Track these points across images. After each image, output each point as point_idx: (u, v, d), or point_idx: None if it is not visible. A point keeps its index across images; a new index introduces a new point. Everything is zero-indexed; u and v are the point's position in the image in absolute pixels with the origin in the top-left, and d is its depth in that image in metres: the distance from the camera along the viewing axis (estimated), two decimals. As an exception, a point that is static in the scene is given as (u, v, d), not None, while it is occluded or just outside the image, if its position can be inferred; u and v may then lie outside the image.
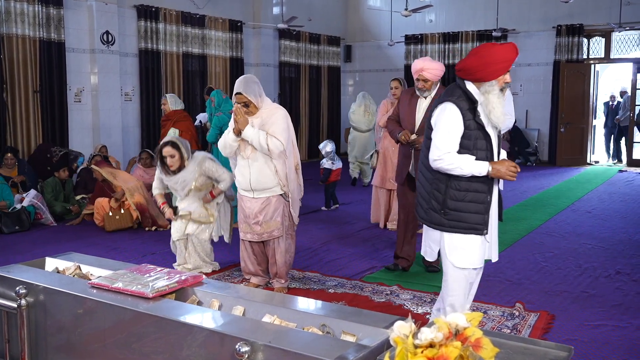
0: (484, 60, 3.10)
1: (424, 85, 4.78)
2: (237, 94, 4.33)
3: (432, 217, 3.24)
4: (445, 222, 3.19)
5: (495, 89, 3.14)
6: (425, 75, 4.73)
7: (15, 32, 8.75)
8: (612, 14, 12.46)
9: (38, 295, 2.88)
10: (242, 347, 2.13)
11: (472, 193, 3.16)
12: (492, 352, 1.63)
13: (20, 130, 8.94)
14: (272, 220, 4.44)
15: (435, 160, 3.12)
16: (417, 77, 4.78)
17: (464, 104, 3.11)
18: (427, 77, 4.73)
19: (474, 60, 3.12)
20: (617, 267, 5.29)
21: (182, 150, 4.80)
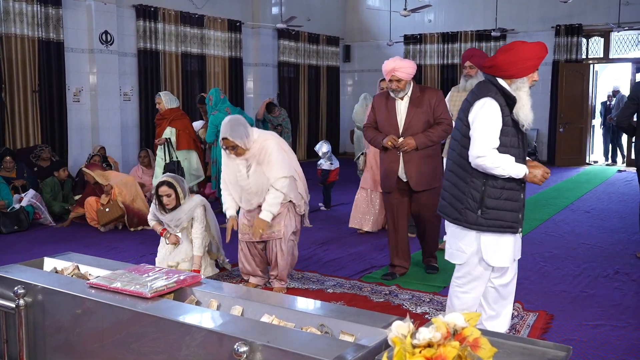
0: (517, 57, 3.13)
1: (398, 85, 4.64)
2: (224, 139, 4.27)
3: (469, 217, 3.20)
4: (482, 221, 3.17)
5: (526, 86, 3.18)
6: (398, 75, 4.59)
7: (14, 32, 8.74)
8: (611, 14, 12.47)
9: (36, 295, 2.88)
10: (241, 347, 2.13)
11: (507, 191, 3.18)
12: (491, 352, 1.63)
13: (19, 130, 8.93)
14: (274, 222, 4.45)
15: (478, 157, 3.09)
16: (390, 78, 4.64)
17: (501, 100, 3.13)
18: (400, 76, 4.59)
19: (506, 57, 3.14)
20: (616, 267, 5.29)
21: (177, 190, 4.75)
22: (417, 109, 4.66)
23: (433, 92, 4.76)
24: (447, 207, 3.33)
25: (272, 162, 4.31)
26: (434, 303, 4.35)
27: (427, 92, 4.73)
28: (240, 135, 4.24)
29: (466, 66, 5.53)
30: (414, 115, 4.66)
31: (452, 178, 3.30)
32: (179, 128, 7.19)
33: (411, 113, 4.67)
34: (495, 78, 3.18)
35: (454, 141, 3.32)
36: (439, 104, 4.70)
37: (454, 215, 3.28)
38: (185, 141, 7.20)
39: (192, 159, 7.30)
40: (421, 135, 4.62)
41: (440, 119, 4.69)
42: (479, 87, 3.24)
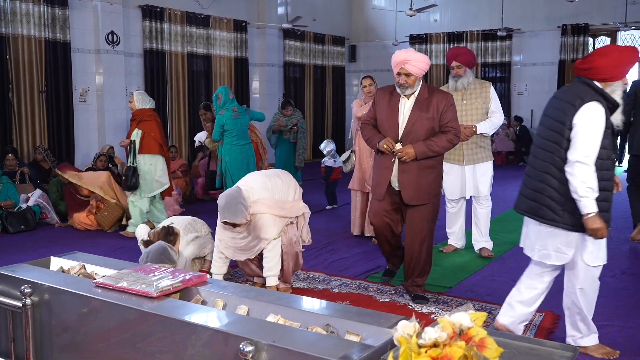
0: (618, 62, 3.20)
1: (407, 80, 4.07)
2: (224, 222, 4.20)
3: (568, 219, 3.22)
4: (582, 222, 3.17)
5: (620, 89, 3.23)
6: (408, 68, 4.03)
7: (21, 33, 8.79)
8: (618, 13, 12.42)
9: (43, 294, 2.88)
10: (246, 346, 2.13)
11: (602, 192, 3.21)
12: (497, 352, 1.62)
13: (26, 131, 8.98)
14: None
15: (578, 163, 3.09)
16: (399, 71, 4.09)
17: (604, 103, 3.17)
18: (410, 70, 4.03)
19: (606, 61, 3.19)
20: (623, 267, 5.26)
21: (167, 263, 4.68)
22: (422, 113, 4.13)
23: (443, 95, 4.20)
24: (540, 209, 3.32)
25: (264, 228, 4.32)
26: (440, 303, 4.34)
27: (435, 95, 4.17)
28: (239, 214, 4.16)
29: (453, 66, 5.27)
30: (417, 119, 4.13)
31: (547, 179, 3.28)
32: (145, 130, 6.67)
33: (415, 116, 4.14)
34: (592, 81, 3.22)
35: (545, 141, 3.29)
36: (448, 109, 4.15)
37: (549, 216, 3.28)
38: (147, 145, 6.66)
39: (157, 164, 6.74)
40: (422, 145, 4.08)
41: (447, 128, 4.15)
42: (579, 89, 3.23)
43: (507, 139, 13.54)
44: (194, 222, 4.92)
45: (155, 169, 6.69)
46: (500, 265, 5.37)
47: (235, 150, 6.94)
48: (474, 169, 5.47)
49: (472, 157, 5.44)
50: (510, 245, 6.05)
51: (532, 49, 13.61)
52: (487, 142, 5.50)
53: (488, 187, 5.57)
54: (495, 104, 5.35)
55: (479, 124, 5.26)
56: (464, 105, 5.28)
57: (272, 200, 4.37)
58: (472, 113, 5.30)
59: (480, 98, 5.30)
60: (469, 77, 5.29)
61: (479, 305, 4.27)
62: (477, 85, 5.34)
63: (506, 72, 13.79)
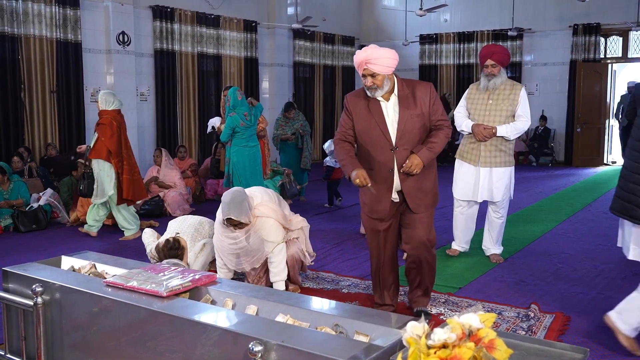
0: None
1: (373, 81, 3.59)
2: (228, 219, 4.12)
3: None
4: None
5: None
6: (372, 68, 3.56)
7: (33, 33, 8.85)
8: (630, 12, 12.33)
9: (54, 293, 2.91)
10: (256, 346, 2.13)
11: None
12: (506, 354, 1.62)
13: (37, 130, 9.05)
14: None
15: None
16: (363, 73, 3.63)
17: None
18: (375, 70, 3.56)
19: None
20: (634, 268, 5.22)
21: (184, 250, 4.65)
22: (410, 111, 3.65)
23: (424, 87, 3.74)
24: (633, 210, 3.31)
25: (269, 232, 4.28)
26: (449, 304, 4.33)
27: (417, 89, 3.71)
28: (244, 212, 4.10)
29: (487, 65, 5.06)
30: (408, 119, 3.65)
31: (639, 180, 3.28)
32: (98, 134, 6.39)
33: (405, 116, 3.65)
34: None
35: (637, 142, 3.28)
36: (435, 101, 3.73)
37: None
38: (96, 149, 6.36)
39: (103, 170, 6.38)
40: (425, 150, 3.63)
41: (439, 123, 3.73)
42: None
43: (518, 139, 13.48)
44: (201, 225, 4.83)
45: (104, 176, 6.36)
46: (510, 266, 5.34)
47: (243, 152, 6.95)
48: (490, 173, 5.17)
49: (490, 160, 5.15)
50: (520, 246, 6.03)
51: (543, 49, 13.54)
52: (509, 146, 5.17)
53: (503, 193, 5.22)
54: (523, 108, 5.07)
55: (500, 127, 5.01)
56: (489, 105, 5.08)
57: (276, 206, 4.37)
58: (495, 114, 5.06)
59: (507, 100, 5.05)
60: (502, 76, 5.10)
61: (488, 307, 4.25)
62: (507, 86, 5.10)
63: (517, 72, 13.72)
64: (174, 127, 11.05)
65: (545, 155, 13.43)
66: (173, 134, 11.02)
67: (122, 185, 6.39)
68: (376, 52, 3.63)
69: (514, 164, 5.26)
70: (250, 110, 7.04)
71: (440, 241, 6.16)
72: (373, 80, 3.62)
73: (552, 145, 13.49)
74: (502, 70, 5.11)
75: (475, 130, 5.10)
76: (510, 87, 5.11)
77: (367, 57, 3.60)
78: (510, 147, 5.19)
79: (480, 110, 5.14)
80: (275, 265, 4.34)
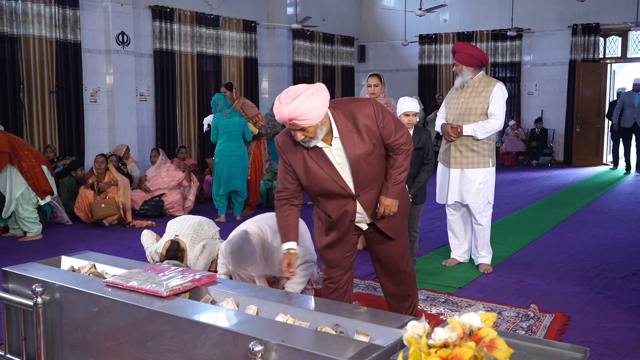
0: None
1: (305, 134, 2.89)
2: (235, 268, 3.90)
3: None
4: None
5: None
6: (299, 124, 2.83)
7: (32, 33, 8.84)
8: (629, 12, 12.34)
9: (54, 293, 2.90)
10: (256, 346, 2.13)
11: None
12: (507, 353, 1.62)
13: (37, 131, 9.03)
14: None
15: None
16: (289, 127, 2.90)
17: None
18: (303, 125, 2.83)
19: None
20: (634, 268, 5.23)
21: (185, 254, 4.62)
22: (359, 151, 3.00)
23: (366, 110, 2.99)
24: None
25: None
26: (449, 303, 4.33)
27: (359, 116, 2.98)
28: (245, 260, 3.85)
29: (453, 63, 4.93)
30: (360, 162, 3.02)
31: None
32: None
33: (355, 161, 3.01)
34: None
35: None
36: (383, 122, 3.01)
37: None
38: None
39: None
40: (391, 187, 3.11)
41: (396, 145, 3.07)
42: None
43: (516, 139, 13.49)
44: (200, 226, 4.77)
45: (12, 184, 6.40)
46: (510, 266, 5.34)
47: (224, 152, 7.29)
48: (461, 174, 4.91)
49: (460, 161, 4.89)
50: (519, 246, 6.03)
51: (542, 49, 13.54)
52: (483, 146, 4.86)
53: (475, 197, 4.91)
54: (495, 106, 4.76)
55: (466, 126, 4.77)
56: (460, 104, 4.87)
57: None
58: (466, 113, 4.82)
59: (479, 97, 4.80)
60: (467, 75, 4.86)
61: (488, 306, 4.25)
62: (482, 84, 4.84)
63: (516, 72, 13.73)
64: (174, 128, 11.04)
65: (545, 155, 13.43)
66: (172, 134, 11.01)
67: (37, 180, 6.44)
68: (302, 107, 2.78)
69: (490, 166, 4.93)
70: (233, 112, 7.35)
71: (439, 242, 6.16)
72: (304, 134, 2.89)
73: (551, 145, 13.49)
74: (466, 69, 4.85)
75: (443, 130, 4.97)
76: (484, 85, 4.83)
77: (291, 114, 2.79)
78: (485, 148, 4.87)
79: (454, 109, 4.95)
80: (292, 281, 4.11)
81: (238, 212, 7.50)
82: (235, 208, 7.53)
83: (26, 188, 6.43)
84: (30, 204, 6.50)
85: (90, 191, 7.29)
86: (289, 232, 3.12)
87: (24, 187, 6.42)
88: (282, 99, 2.84)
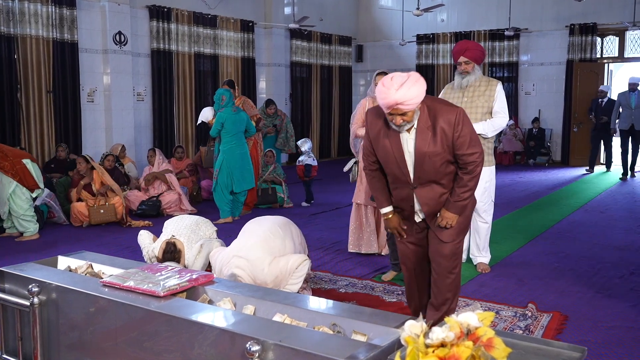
0: None
1: (403, 119, 3.09)
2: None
3: None
4: None
5: None
6: (403, 108, 3.03)
7: (29, 33, 8.83)
8: (626, 12, 12.36)
9: (50, 293, 2.89)
10: (253, 346, 2.13)
11: None
12: (505, 352, 1.61)
13: (34, 130, 9.02)
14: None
15: None
16: (390, 112, 3.08)
17: None
18: (406, 109, 3.04)
19: None
20: (631, 268, 5.23)
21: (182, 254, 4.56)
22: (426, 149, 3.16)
23: (449, 116, 3.14)
24: None
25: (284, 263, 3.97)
26: (447, 303, 4.32)
27: (440, 119, 3.14)
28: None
29: (461, 62, 4.79)
30: (424, 159, 3.19)
31: None
32: None
33: (420, 156, 3.19)
34: None
35: None
36: (461, 133, 3.14)
37: None
38: None
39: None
40: (452, 205, 3.25)
41: (463, 160, 3.18)
42: None
43: (514, 139, 13.50)
44: (197, 226, 4.73)
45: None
46: (508, 265, 5.35)
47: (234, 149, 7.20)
48: None
49: None
50: (517, 245, 6.04)
51: (539, 49, 13.55)
52: (487, 145, 4.85)
53: (481, 195, 4.86)
54: (500, 104, 4.82)
55: (476, 124, 4.69)
56: (464, 103, 4.83)
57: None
58: (471, 112, 4.77)
59: (483, 96, 4.81)
60: (476, 73, 4.85)
61: (485, 306, 4.25)
62: (483, 83, 4.85)
63: (514, 72, 13.74)
64: (171, 127, 11.03)
65: (542, 155, 13.44)
66: (170, 134, 11.00)
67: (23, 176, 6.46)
68: (409, 92, 2.98)
69: (494, 164, 4.97)
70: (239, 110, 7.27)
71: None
72: (403, 118, 3.09)
73: (548, 144, 13.50)
74: (477, 67, 4.85)
75: None
76: (486, 84, 4.84)
77: (399, 99, 2.98)
78: (489, 146, 4.89)
79: None
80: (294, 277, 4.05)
81: (238, 213, 7.46)
82: (236, 208, 7.46)
83: (16, 185, 6.43)
84: (24, 200, 6.49)
85: (82, 203, 7.23)
86: (386, 197, 3.45)
87: (14, 184, 6.42)
88: (387, 84, 3.03)
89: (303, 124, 14.04)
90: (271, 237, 4.10)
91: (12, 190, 6.42)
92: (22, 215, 6.50)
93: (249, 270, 3.94)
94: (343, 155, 14.52)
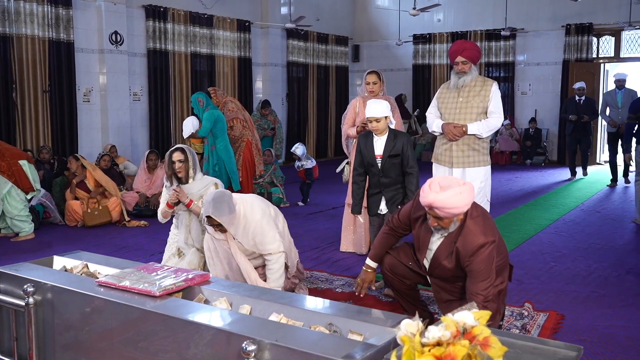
0: None
1: (439, 223, 3.12)
2: (208, 217, 3.88)
3: None
4: None
5: None
6: (438, 213, 3.05)
7: (25, 33, 8.80)
8: (622, 12, 12.38)
9: (46, 293, 2.89)
10: (249, 345, 2.12)
11: None
12: (501, 351, 1.61)
13: (30, 130, 8.99)
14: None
15: None
16: (428, 212, 3.13)
17: None
18: (440, 215, 3.06)
19: None
20: (627, 267, 5.24)
21: (189, 159, 4.62)
22: (444, 262, 3.27)
23: (476, 239, 3.12)
24: None
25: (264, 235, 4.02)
26: (443, 303, 4.32)
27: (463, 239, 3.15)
28: (224, 212, 3.87)
29: (458, 62, 4.71)
30: (439, 267, 3.32)
31: None
32: None
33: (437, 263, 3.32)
34: None
35: None
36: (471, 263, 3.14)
37: None
38: None
39: None
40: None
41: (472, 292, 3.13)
42: None
43: (510, 138, 13.52)
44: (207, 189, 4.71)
45: None
46: (504, 265, 5.35)
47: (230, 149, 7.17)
48: (464, 173, 4.77)
49: (463, 160, 4.79)
50: (513, 245, 6.04)
51: (536, 49, 13.58)
52: (483, 145, 4.80)
53: (477, 195, 4.71)
54: (495, 104, 4.76)
55: (471, 124, 4.68)
56: (459, 103, 4.78)
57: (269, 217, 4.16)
58: (466, 112, 4.73)
59: (478, 96, 4.74)
60: (472, 73, 4.78)
61: (482, 305, 4.25)
62: (478, 83, 4.77)
63: (510, 72, 13.76)
64: (167, 127, 11.01)
65: (538, 154, 13.46)
66: (167, 135, 10.98)
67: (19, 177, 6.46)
68: (448, 200, 2.94)
69: (489, 164, 4.89)
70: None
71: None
72: (439, 222, 3.09)
73: (545, 144, 13.52)
74: (473, 67, 4.79)
75: (445, 130, 4.78)
76: (481, 84, 4.77)
77: (432, 202, 2.98)
78: (484, 146, 4.83)
79: (451, 109, 4.82)
80: (273, 272, 4.09)
81: None
82: None
83: (11, 186, 6.41)
84: (19, 201, 6.47)
85: (76, 202, 7.22)
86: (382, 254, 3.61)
87: (9, 185, 6.40)
88: (432, 186, 3.00)
89: (299, 124, 14.03)
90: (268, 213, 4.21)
91: (6, 191, 6.40)
92: (17, 215, 6.48)
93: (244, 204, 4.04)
94: (339, 155, 14.51)
